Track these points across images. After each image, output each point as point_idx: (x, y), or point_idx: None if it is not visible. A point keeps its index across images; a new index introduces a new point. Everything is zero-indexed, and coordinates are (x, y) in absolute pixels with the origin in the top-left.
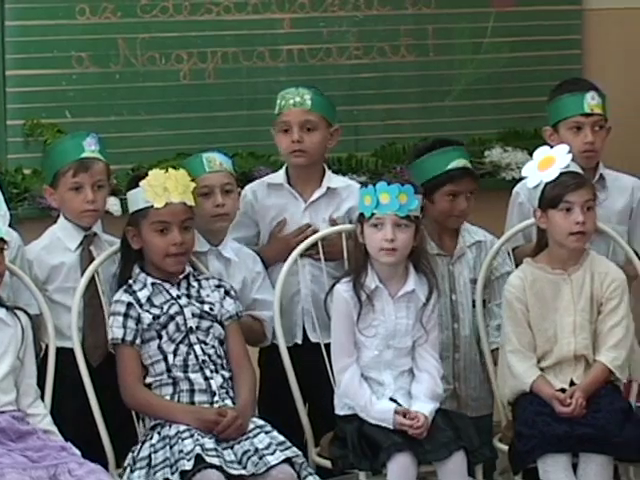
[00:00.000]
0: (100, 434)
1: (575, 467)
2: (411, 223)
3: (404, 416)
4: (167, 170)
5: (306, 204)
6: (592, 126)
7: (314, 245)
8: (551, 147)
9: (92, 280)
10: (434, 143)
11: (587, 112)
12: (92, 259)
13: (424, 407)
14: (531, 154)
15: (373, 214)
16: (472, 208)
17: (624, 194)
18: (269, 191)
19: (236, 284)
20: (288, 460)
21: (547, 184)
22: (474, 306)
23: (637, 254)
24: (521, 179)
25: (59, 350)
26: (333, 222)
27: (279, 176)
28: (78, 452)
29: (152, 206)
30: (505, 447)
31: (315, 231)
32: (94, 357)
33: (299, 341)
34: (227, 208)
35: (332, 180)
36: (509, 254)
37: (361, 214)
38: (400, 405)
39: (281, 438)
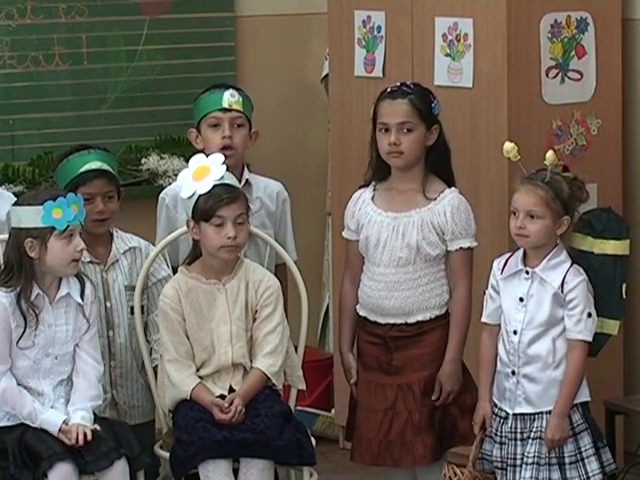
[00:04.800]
0: None
1: (237, 472)
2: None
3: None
4: None
5: None
6: (231, 122)
7: None
8: (200, 152)
9: None
10: (72, 148)
11: (225, 107)
12: None
13: (78, 417)
14: (187, 161)
15: (68, 227)
16: (115, 211)
17: (272, 200)
18: None
19: None
20: None
21: (200, 196)
22: (132, 313)
23: None
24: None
25: None
26: None
27: None
28: None
29: None
30: (166, 454)
31: None
32: None
33: None
34: None
35: None
36: (165, 259)
37: (45, 228)
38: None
39: None
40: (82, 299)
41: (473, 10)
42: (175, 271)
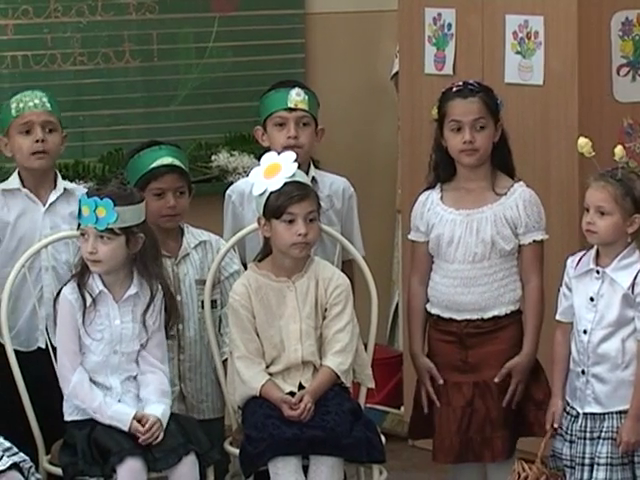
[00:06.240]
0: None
1: (306, 469)
2: (115, 236)
3: (139, 421)
4: None
5: (45, 206)
6: (296, 121)
7: None
8: (266, 149)
9: None
10: (143, 144)
11: (290, 107)
12: None
13: (156, 409)
14: (258, 158)
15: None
16: (185, 207)
17: (338, 197)
18: (5, 198)
19: None
20: (16, 466)
21: (271, 193)
22: (202, 307)
23: None
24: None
25: None
26: None
27: (13, 181)
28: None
29: None
30: (236, 451)
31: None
32: None
33: (42, 345)
34: None
35: (65, 182)
36: (235, 251)
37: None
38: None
39: (7, 444)
40: (148, 307)
41: (544, 8)
42: (244, 268)
